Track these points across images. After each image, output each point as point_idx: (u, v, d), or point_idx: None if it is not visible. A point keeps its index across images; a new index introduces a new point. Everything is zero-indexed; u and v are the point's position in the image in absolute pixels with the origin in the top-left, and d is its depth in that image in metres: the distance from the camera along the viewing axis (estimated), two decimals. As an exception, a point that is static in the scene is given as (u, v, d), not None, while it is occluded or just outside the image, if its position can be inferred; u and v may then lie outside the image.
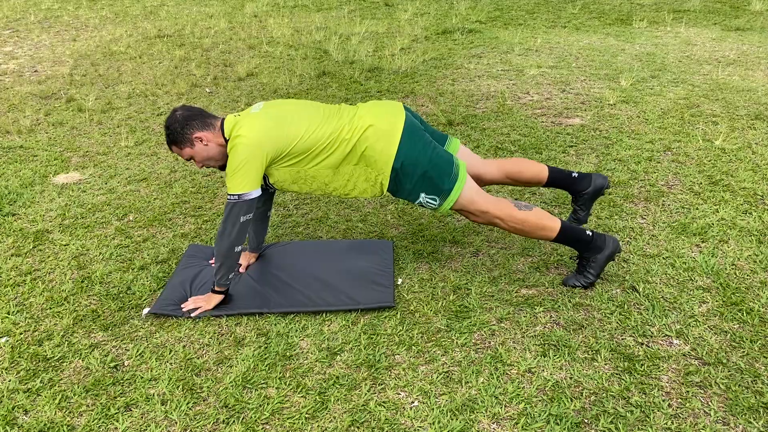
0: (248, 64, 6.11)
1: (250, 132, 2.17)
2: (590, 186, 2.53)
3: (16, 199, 3.39)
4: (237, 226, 2.20)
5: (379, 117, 2.25)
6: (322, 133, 2.22)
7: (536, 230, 2.32)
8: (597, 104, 4.59)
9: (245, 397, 1.95)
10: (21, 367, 2.12)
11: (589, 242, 2.36)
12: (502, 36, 6.98)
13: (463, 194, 2.29)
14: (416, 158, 2.24)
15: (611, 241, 2.38)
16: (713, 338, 2.12)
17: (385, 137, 2.22)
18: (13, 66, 6.47)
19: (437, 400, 1.90)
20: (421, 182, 2.26)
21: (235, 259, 2.27)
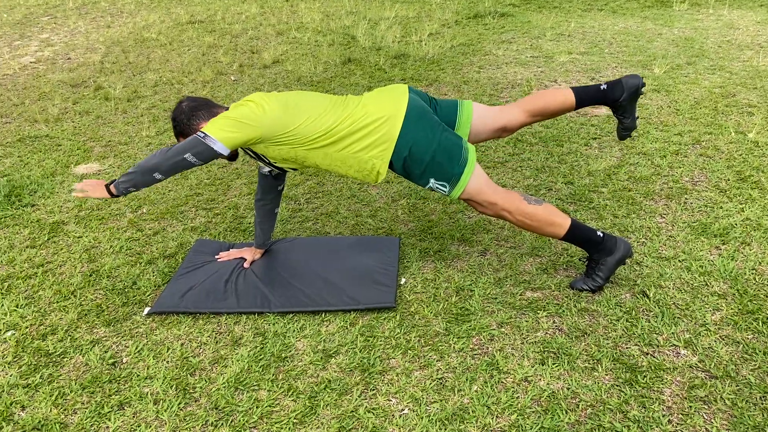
0: (275, 50, 6.10)
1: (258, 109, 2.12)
2: (623, 92, 2.36)
3: (37, 189, 3.45)
4: (177, 158, 2.09)
5: (381, 103, 2.19)
6: (322, 122, 2.17)
7: (545, 226, 2.24)
8: (627, 93, 4.42)
9: (236, 399, 1.94)
10: (23, 362, 2.16)
11: (599, 243, 2.27)
12: (535, 20, 6.81)
13: (471, 181, 2.21)
14: (423, 142, 2.17)
15: (623, 244, 2.29)
16: (724, 349, 2.03)
17: (389, 121, 2.16)
18: (48, 53, 6.59)
19: (428, 409, 1.86)
20: (431, 167, 2.20)
21: (146, 182, 2.13)
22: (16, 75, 5.85)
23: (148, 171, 2.11)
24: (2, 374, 2.10)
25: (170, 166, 2.10)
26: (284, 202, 3.18)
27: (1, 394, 2.01)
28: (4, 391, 2.03)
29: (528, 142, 3.72)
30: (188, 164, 2.11)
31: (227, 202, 3.22)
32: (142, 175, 2.12)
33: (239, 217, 3.09)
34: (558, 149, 3.60)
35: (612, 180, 3.18)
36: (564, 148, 3.61)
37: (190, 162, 2.11)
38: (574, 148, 3.61)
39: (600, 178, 3.20)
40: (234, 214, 3.11)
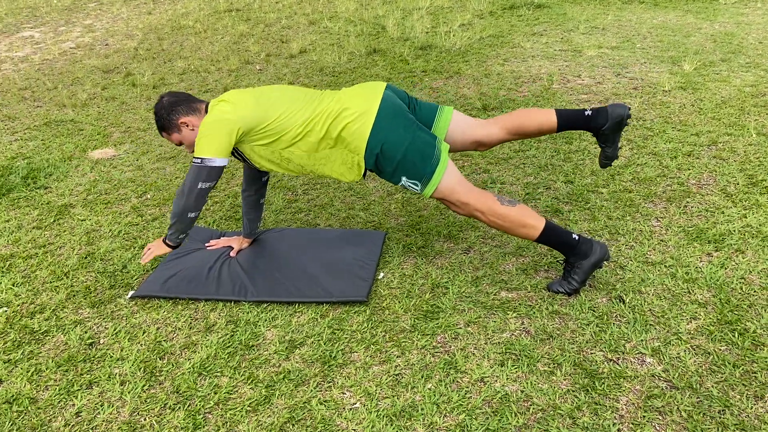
0: (303, 40, 6.15)
1: (227, 105, 2.18)
2: (608, 120, 2.34)
3: (53, 172, 3.59)
4: (194, 192, 2.19)
5: (355, 99, 2.20)
6: (298, 117, 2.20)
7: (517, 227, 2.22)
8: (650, 90, 4.31)
9: (198, 384, 2.00)
10: (9, 338, 2.27)
11: (574, 246, 2.24)
12: (571, 12, 6.66)
13: (444, 181, 2.20)
14: (395, 140, 2.18)
15: (599, 247, 2.25)
16: (692, 360, 1.98)
17: (360, 119, 2.17)
18: (88, 39, 6.81)
19: (378, 404, 1.88)
20: (402, 165, 2.20)
21: (188, 224, 2.27)
22: (55, 60, 6.07)
23: (182, 215, 2.23)
24: (-13, 349, 2.22)
25: (195, 201, 2.21)
26: (281, 191, 3.23)
27: (-18, 368, 2.12)
28: (-14, 365, 2.14)
29: (537, 139, 3.67)
30: (206, 190, 2.21)
31: (228, 191, 3.29)
32: (181, 222, 2.25)
33: (237, 205, 3.15)
34: (566, 147, 3.54)
35: (615, 180, 3.11)
36: (572, 146, 3.55)
37: (206, 188, 2.20)
38: (583, 146, 3.54)
39: (602, 178, 3.14)
40: (232, 203, 3.18)
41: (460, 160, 3.46)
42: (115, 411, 1.92)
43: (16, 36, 7.11)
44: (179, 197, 2.22)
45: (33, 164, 3.67)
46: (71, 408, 1.94)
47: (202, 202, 2.24)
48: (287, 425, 1.83)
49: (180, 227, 2.27)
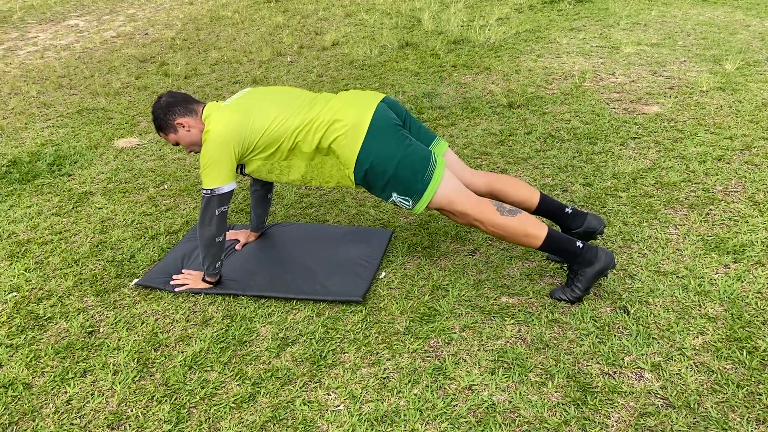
0: (337, 32, 6.14)
1: (218, 127, 2.19)
2: (581, 227, 2.36)
3: (78, 159, 3.67)
4: (214, 219, 2.24)
5: (347, 112, 2.18)
6: (288, 125, 2.19)
7: (519, 237, 2.17)
8: (687, 90, 4.15)
9: (187, 378, 2.01)
10: (14, 323, 2.32)
11: (578, 254, 2.17)
12: (614, 7, 6.47)
13: (439, 193, 2.18)
14: (386, 156, 2.15)
15: (604, 255, 2.17)
16: (693, 377, 1.89)
17: (350, 132, 2.15)
18: (129, 28, 6.95)
19: (362, 408, 1.86)
20: (393, 181, 2.17)
21: (219, 248, 2.31)
22: (95, 49, 6.21)
23: (210, 245, 2.28)
24: (-8, 332, 2.28)
25: (217, 227, 2.25)
26: (294, 186, 3.23)
27: (-15, 351, 2.18)
28: (-11, 348, 2.19)
29: (560, 138, 3.57)
30: (224, 213, 2.26)
31: (243, 183, 3.30)
32: (211, 250, 2.30)
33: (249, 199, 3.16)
34: (589, 147, 3.44)
35: (636, 184, 3.00)
36: (596, 147, 3.44)
37: (224, 212, 2.25)
38: (607, 147, 3.43)
39: (623, 182, 3.03)
40: (245, 195, 3.19)
41: (479, 159, 3.39)
42: (104, 401, 1.95)
43: (62, 24, 7.29)
44: (201, 229, 2.26)
45: (60, 151, 3.76)
46: (63, 395, 1.98)
47: (224, 226, 2.28)
48: (268, 424, 1.82)
49: (213, 254, 2.31)
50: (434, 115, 4.03)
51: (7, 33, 7.02)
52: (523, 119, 3.87)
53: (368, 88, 4.63)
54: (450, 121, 3.92)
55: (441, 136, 3.72)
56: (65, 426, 1.86)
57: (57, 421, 1.88)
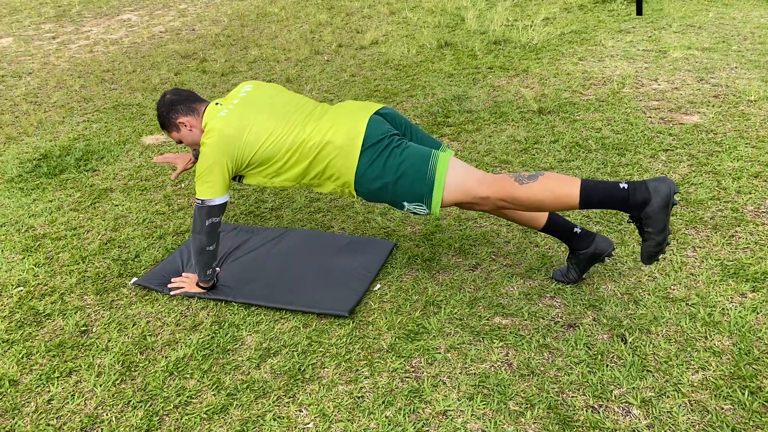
0: (378, 31, 6.09)
1: (212, 140, 2.17)
2: (590, 247, 2.23)
3: (105, 155, 3.75)
4: (205, 229, 2.23)
5: (337, 130, 2.13)
6: (282, 144, 2.16)
7: (552, 203, 1.94)
8: (733, 99, 3.92)
9: (165, 384, 2.02)
10: (14, 318, 2.38)
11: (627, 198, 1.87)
12: (669, 8, 6.19)
13: (449, 187, 2.05)
14: (381, 169, 2.09)
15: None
16: (685, 417, 1.76)
17: (343, 153, 2.11)
18: (178, 24, 7.08)
19: (331, 427, 1.81)
20: (398, 191, 2.11)
21: (211, 256, 2.30)
22: (142, 44, 6.36)
23: (201, 253, 2.28)
24: (-8, 327, 2.34)
25: (208, 236, 2.25)
26: (306, 189, 3.20)
27: (-18, 345, 2.24)
28: (-15, 342, 2.26)
29: (587, 148, 3.43)
30: (216, 224, 2.25)
31: (250, 191, 3.30)
32: (202, 258, 2.29)
33: (261, 200, 3.16)
34: (616, 159, 3.28)
35: (659, 200, 2.84)
36: (624, 159, 3.28)
37: (215, 222, 2.24)
38: (636, 159, 3.27)
39: (646, 197, 2.87)
40: (258, 197, 3.19)
41: (498, 167, 3.29)
42: (83, 402, 1.97)
43: (115, 19, 7.50)
44: (193, 236, 2.26)
45: (90, 147, 3.85)
46: (46, 395, 2.01)
47: (216, 236, 2.27)
48: (235, 438, 1.80)
49: (204, 262, 2.30)
50: (461, 119, 3.94)
51: (63, 27, 7.27)
52: (551, 126, 3.74)
53: (399, 89, 4.57)
54: (476, 126, 3.83)
55: (464, 141, 3.63)
56: (41, 426, 1.88)
57: (34, 420, 1.91)
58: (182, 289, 2.41)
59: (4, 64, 5.94)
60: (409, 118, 4.04)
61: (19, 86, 5.26)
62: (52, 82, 5.29)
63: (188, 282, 2.42)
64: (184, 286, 2.42)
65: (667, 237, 1.87)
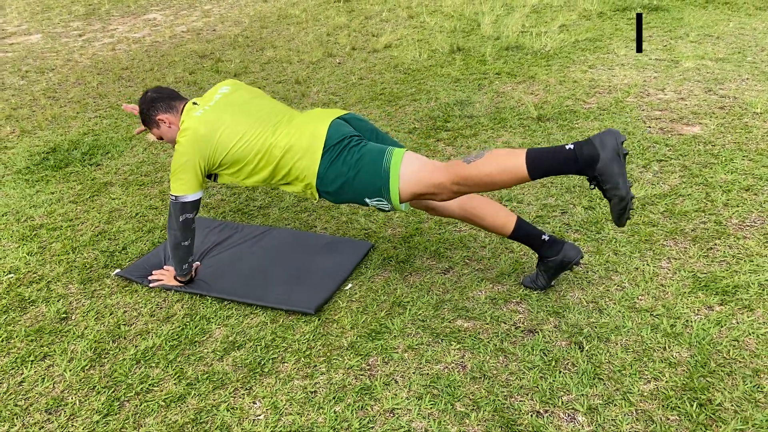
0: (393, 35, 6.14)
1: (186, 139, 2.25)
2: (558, 255, 2.25)
3: (110, 150, 3.87)
4: (179, 224, 2.30)
5: (301, 135, 2.18)
6: (251, 147, 2.22)
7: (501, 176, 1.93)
8: (738, 111, 3.87)
9: (131, 371, 2.09)
10: (2, 303, 2.49)
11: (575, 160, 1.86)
12: (689, 17, 6.12)
13: (404, 180, 2.07)
14: (340, 167, 2.14)
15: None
16: (628, 425, 1.77)
17: (306, 154, 2.16)
18: (201, 24, 7.23)
19: (280, 420, 1.87)
20: (357, 187, 2.15)
21: (186, 251, 2.37)
22: (163, 43, 6.51)
23: (177, 247, 2.36)
24: (-21, 311, 2.45)
25: (182, 232, 2.33)
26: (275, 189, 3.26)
27: (-34, 328, 2.35)
28: (-30, 325, 2.36)
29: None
30: (190, 220, 2.32)
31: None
32: (178, 252, 2.37)
33: (251, 198, 3.23)
34: (607, 168, 3.26)
35: (644, 211, 2.84)
36: (615, 168, 3.26)
37: (189, 218, 2.32)
38: (628, 168, 3.26)
39: (630, 207, 2.86)
40: (248, 195, 3.26)
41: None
42: (52, 386, 2.05)
43: (141, 18, 7.70)
44: (168, 233, 2.34)
45: (97, 141, 3.98)
46: (18, 377, 2.10)
47: (190, 231, 2.34)
48: (188, 425, 1.86)
49: (180, 257, 2.38)
50: (460, 124, 3.96)
51: (91, 25, 7.48)
52: (548, 133, 3.74)
53: (404, 93, 4.61)
54: (473, 131, 3.85)
55: (458, 146, 3.65)
56: (9, 406, 1.97)
57: (3, 400, 2.00)
58: (161, 281, 2.49)
59: (30, 60, 6.15)
60: (409, 122, 4.08)
61: (40, 81, 5.44)
62: (72, 79, 5.47)
63: (167, 275, 2.50)
64: (163, 278, 2.49)
65: (629, 191, 1.85)
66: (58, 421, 1.91)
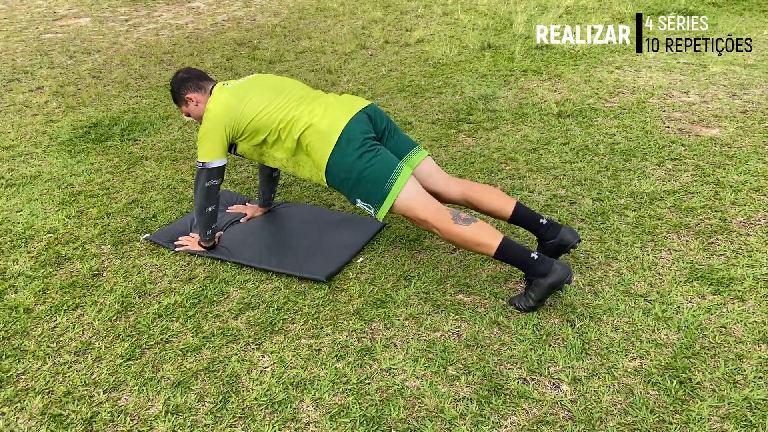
0: (426, 30, 6.27)
1: (215, 106, 2.42)
2: (555, 239, 2.36)
3: (147, 128, 4.09)
4: (203, 190, 2.47)
5: (323, 117, 2.32)
6: (273, 118, 2.37)
7: (472, 246, 2.23)
8: (760, 116, 3.91)
9: (153, 324, 2.28)
10: (40, 258, 2.71)
11: (531, 266, 2.20)
12: (724, 23, 6.12)
13: (398, 202, 2.27)
14: (350, 165, 2.27)
15: (559, 268, 2.19)
16: (609, 397, 1.89)
17: (322, 138, 2.30)
18: (241, 14, 7.46)
19: (285, 372, 2.03)
20: (356, 188, 2.30)
21: (210, 217, 2.54)
22: (205, 30, 6.75)
23: (201, 213, 2.53)
24: (20, 263, 2.67)
25: (206, 198, 2.49)
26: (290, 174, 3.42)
27: (8, 278, 2.57)
28: (11, 276, 2.58)
29: (595, 152, 3.52)
30: (214, 186, 2.49)
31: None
32: (202, 218, 2.55)
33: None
34: (621, 164, 3.37)
35: (651, 205, 2.93)
36: (629, 164, 3.36)
37: (213, 185, 2.48)
38: (641, 165, 3.34)
39: (639, 201, 2.96)
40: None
41: (503, 164, 3.42)
42: (81, 332, 2.25)
43: (185, 6, 7.96)
44: (195, 198, 2.51)
45: (136, 119, 4.20)
46: (52, 323, 2.31)
47: (216, 198, 2.51)
48: (201, 372, 2.04)
49: (204, 222, 2.55)
50: (482, 117, 4.08)
51: (137, 11, 7.77)
52: (566, 129, 3.83)
53: (431, 86, 4.74)
54: (494, 124, 3.96)
55: (479, 138, 3.77)
56: (42, 347, 2.17)
57: (39, 341, 2.20)
58: (186, 246, 2.67)
59: (78, 41, 6.44)
60: (433, 113, 4.21)
61: (86, 62, 5.71)
62: (116, 60, 5.72)
63: (192, 241, 2.68)
64: (188, 244, 2.68)
65: (535, 308, 2.22)
66: (85, 362, 2.10)
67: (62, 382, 2.02)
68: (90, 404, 1.93)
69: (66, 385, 2.01)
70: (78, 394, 1.97)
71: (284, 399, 1.91)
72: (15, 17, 7.67)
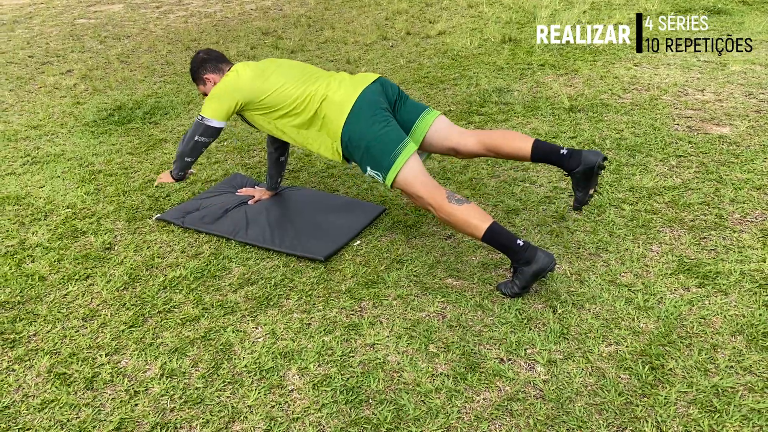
0: (449, 22, 6.33)
1: (234, 76, 2.54)
2: (580, 165, 2.38)
3: (169, 112, 4.25)
4: (192, 142, 2.59)
5: (338, 89, 2.43)
6: (290, 93, 2.49)
7: (463, 226, 2.31)
8: (773, 116, 3.91)
9: (157, 294, 2.42)
10: (57, 231, 2.87)
11: (517, 252, 2.28)
12: (751, 22, 6.06)
13: (401, 174, 2.37)
14: (361, 132, 2.39)
15: (543, 256, 2.26)
16: (581, 379, 1.97)
17: (337, 108, 2.41)
18: (269, 3, 7.60)
19: (276, 343, 2.15)
20: (366, 156, 2.41)
21: (186, 165, 2.66)
22: (232, 18, 6.91)
23: (181, 158, 2.66)
24: (39, 234, 2.84)
25: (191, 150, 2.62)
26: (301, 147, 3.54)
27: (27, 248, 2.74)
28: (30, 246, 2.75)
29: (601, 146, 3.56)
30: (203, 143, 2.61)
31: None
32: (181, 161, 2.68)
33: (286, 162, 3.52)
34: (625, 159, 3.41)
35: (649, 200, 2.98)
36: (633, 159, 3.41)
37: (203, 142, 2.60)
38: (645, 160, 3.39)
39: (637, 195, 3.01)
40: (284, 159, 3.56)
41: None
42: (90, 300, 2.40)
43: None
44: (182, 142, 2.63)
45: (159, 103, 4.36)
46: (64, 290, 2.46)
47: (198, 153, 2.63)
48: (197, 341, 2.17)
49: (180, 166, 2.68)
50: (494, 109, 4.14)
51: (169, -2, 7.97)
52: (576, 123, 3.88)
53: (447, 77, 4.82)
54: (505, 116, 4.02)
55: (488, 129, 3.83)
56: (53, 312, 2.33)
57: (50, 307, 2.36)
58: (160, 179, 2.76)
59: (109, 27, 6.65)
60: (446, 104, 4.28)
61: (116, 47, 5.91)
62: (144, 46, 5.91)
63: (164, 176, 2.75)
64: (162, 177, 2.76)
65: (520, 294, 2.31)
66: (91, 327, 2.25)
67: (69, 344, 2.17)
68: (92, 365, 2.07)
69: (72, 347, 2.15)
70: (82, 355, 2.11)
71: (272, 367, 2.03)
72: (52, 2, 7.93)
